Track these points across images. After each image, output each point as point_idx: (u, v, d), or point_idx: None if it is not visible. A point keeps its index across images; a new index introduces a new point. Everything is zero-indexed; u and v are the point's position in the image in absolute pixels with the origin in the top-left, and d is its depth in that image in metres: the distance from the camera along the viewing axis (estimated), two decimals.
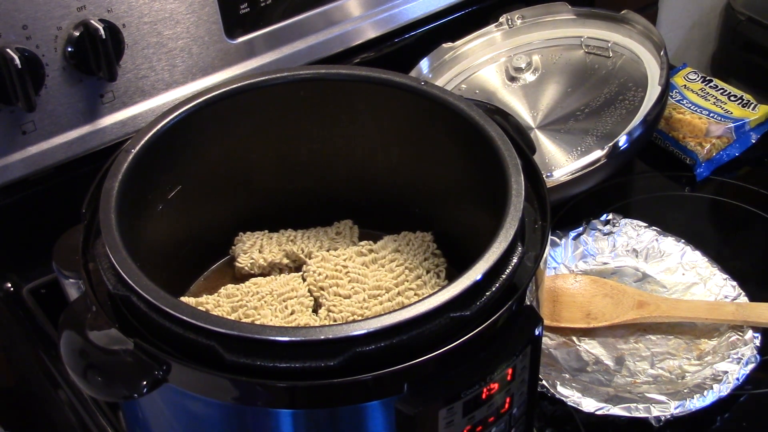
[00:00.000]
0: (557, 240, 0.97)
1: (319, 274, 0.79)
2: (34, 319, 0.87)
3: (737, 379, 0.82)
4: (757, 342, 0.85)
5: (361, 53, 1.07)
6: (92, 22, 0.82)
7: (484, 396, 0.59)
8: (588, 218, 0.99)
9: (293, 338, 0.56)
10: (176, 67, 0.91)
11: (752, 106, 1.12)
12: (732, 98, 1.13)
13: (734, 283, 0.91)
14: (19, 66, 0.78)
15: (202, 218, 0.82)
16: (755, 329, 0.86)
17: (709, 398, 0.80)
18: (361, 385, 0.56)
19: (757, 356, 0.84)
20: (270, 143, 0.82)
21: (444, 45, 1.12)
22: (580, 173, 0.95)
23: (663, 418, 0.79)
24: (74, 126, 0.87)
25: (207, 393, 0.59)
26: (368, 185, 0.85)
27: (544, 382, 0.82)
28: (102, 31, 0.82)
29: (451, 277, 0.78)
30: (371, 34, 1.06)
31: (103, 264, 0.63)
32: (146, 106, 0.91)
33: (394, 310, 0.57)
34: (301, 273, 0.81)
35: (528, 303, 0.63)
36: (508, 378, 0.61)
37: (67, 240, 0.70)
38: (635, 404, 0.80)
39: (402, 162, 0.82)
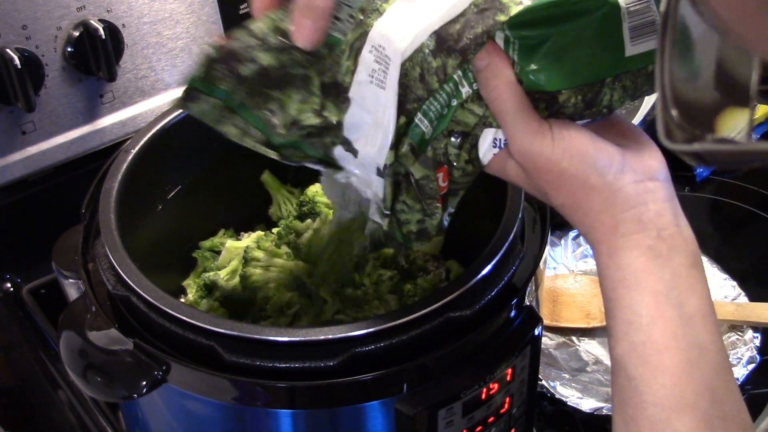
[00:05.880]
0: (557, 240, 0.97)
1: None
2: (34, 320, 0.87)
3: (737, 379, 0.81)
4: (757, 342, 0.85)
5: None
6: (92, 22, 0.82)
7: (483, 396, 0.59)
8: None
9: (292, 338, 0.56)
10: (176, 67, 0.91)
11: None
12: None
13: (734, 283, 0.91)
14: (19, 66, 0.78)
15: (202, 218, 0.82)
16: (755, 329, 0.86)
17: None
18: (360, 385, 0.56)
19: (757, 356, 0.84)
20: None
21: None
22: None
23: None
24: (74, 126, 0.87)
25: (207, 393, 0.59)
26: None
27: (544, 382, 0.82)
28: (102, 31, 0.82)
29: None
30: None
31: (102, 264, 0.63)
32: (146, 106, 0.91)
33: (394, 311, 0.57)
34: None
35: (527, 303, 0.63)
36: (508, 378, 0.60)
37: (67, 240, 0.70)
38: None
39: None
